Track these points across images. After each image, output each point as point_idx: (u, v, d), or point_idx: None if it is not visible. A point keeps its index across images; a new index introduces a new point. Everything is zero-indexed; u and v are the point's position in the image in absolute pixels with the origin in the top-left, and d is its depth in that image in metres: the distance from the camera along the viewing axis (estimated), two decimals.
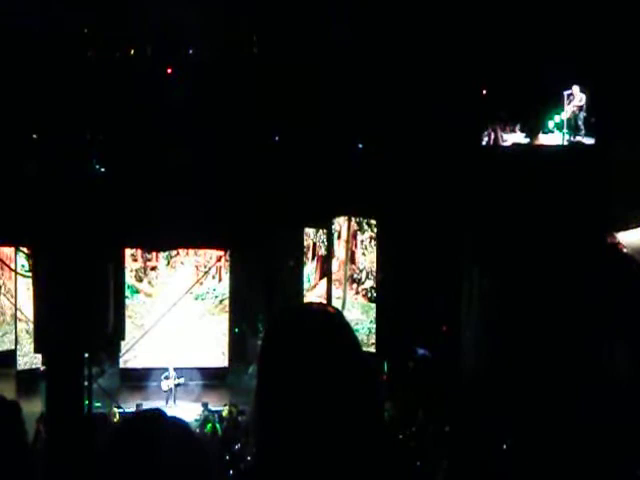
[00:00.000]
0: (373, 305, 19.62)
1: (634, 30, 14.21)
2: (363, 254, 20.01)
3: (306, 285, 21.81)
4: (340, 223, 20.67)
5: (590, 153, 16.44)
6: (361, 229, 20.09)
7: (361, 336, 18.52)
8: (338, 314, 2.31)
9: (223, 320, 23.38)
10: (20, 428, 3.67)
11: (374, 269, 19.67)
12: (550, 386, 13.45)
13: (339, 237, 20.72)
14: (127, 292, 20.74)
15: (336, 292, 20.64)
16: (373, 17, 16.07)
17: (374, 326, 19.33)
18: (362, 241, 20.04)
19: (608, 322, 13.27)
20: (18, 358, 21.40)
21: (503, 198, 15.89)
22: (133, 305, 22.40)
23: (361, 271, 20.03)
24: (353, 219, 20.21)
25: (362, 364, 2.21)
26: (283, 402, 2.13)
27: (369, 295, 19.75)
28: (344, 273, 20.54)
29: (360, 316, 19.60)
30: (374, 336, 19.19)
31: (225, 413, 19.37)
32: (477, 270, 17.43)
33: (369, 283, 19.79)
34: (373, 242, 19.71)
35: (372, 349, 18.83)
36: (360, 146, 19.12)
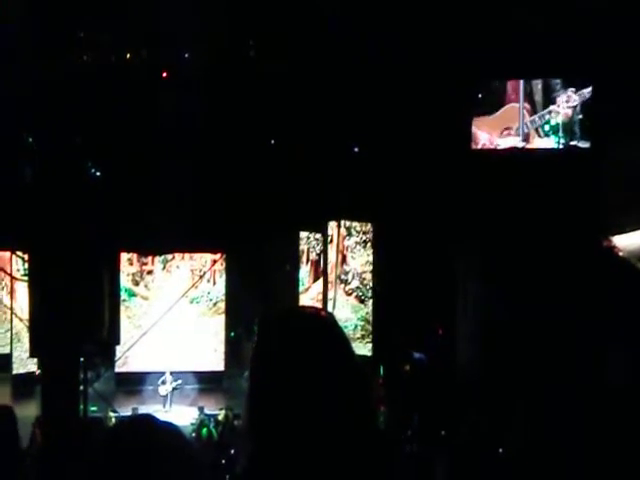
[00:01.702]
0: (362, 305, 20.15)
1: (630, 32, 14.21)
2: (352, 257, 20.29)
3: (300, 288, 21.93)
4: (332, 227, 20.84)
5: (585, 156, 16.42)
6: (349, 234, 20.34)
7: (349, 332, 19.15)
8: (330, 317, 2.31)
9: (217, 323, 23.41)
10: (13, 431, 3.65)
11: (359, 271, 20.26)
12: (547, 390, 13.45)
13: (331, 241, 20.88)
14: (125, 295, 20.91)
15: (328, 293, 20.94)
16: (369, 20, 16.06)
17: (361, 323, 19.99)
18: (349, 246, 20.36)
19: (605, 326, 13.26)
20: (21, 354, 21.29)
21: (497, 202, 15.88)
22: (131, 307, 22.53)
23: (347, 273, 20.51)
24: (342, 224, 20.43)
25: (354, 367, 2.21)
26: (275, 405, 2.13)
27: (357, 295, 20.31)
28: (335, 275, 20.72)
29: (350, 315, 20.15)
30: (360, 331, 19.90)
31: (221, 417, 19.32)
32: (472, 274, 17.42)
33: (355, 283, 20.35)
34: (359, 247, 20.28)
35: (362, 345, 19.28)
36: (356, 150, 19.11)
